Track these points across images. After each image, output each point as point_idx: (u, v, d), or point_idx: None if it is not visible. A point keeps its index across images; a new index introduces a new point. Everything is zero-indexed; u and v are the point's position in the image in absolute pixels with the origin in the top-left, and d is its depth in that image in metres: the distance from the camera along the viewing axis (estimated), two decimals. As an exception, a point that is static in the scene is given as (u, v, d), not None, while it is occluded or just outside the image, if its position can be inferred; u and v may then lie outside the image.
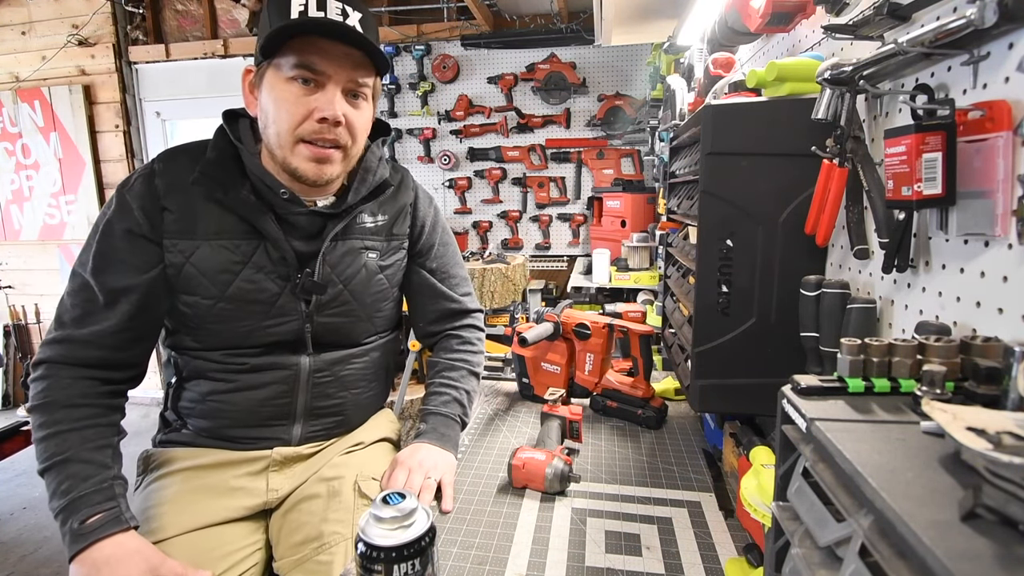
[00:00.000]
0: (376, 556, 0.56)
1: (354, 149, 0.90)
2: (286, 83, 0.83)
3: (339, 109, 0.84)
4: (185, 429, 0.99)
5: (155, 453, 0.99)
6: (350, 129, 0.87)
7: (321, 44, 0.82)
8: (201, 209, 0.87)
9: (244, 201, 0.87)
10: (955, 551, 0.26)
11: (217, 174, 0.87)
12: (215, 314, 0.89)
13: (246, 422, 0.95)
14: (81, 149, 3.49)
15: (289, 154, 0.85)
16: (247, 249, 0.88)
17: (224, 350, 0.93)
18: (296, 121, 0.83)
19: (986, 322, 0.52)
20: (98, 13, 3.36)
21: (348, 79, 0.85)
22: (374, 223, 1.00)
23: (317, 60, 0.82)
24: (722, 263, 0.82)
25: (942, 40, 0.52)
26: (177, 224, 0.87)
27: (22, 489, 2.66)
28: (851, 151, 0.66)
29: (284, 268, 0.90)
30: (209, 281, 0.87)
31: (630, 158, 3.21)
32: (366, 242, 0.98)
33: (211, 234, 0.87)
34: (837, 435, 0.37)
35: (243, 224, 0.88)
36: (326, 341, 0.97)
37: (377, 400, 1.12)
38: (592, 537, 0.79)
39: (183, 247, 0.87)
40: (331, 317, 0.96)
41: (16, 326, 3.73)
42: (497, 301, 2.82)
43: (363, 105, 0.89)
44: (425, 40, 3.25)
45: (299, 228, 0.91)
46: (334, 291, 0.95)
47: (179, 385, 0.98)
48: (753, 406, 0.85)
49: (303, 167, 0.86)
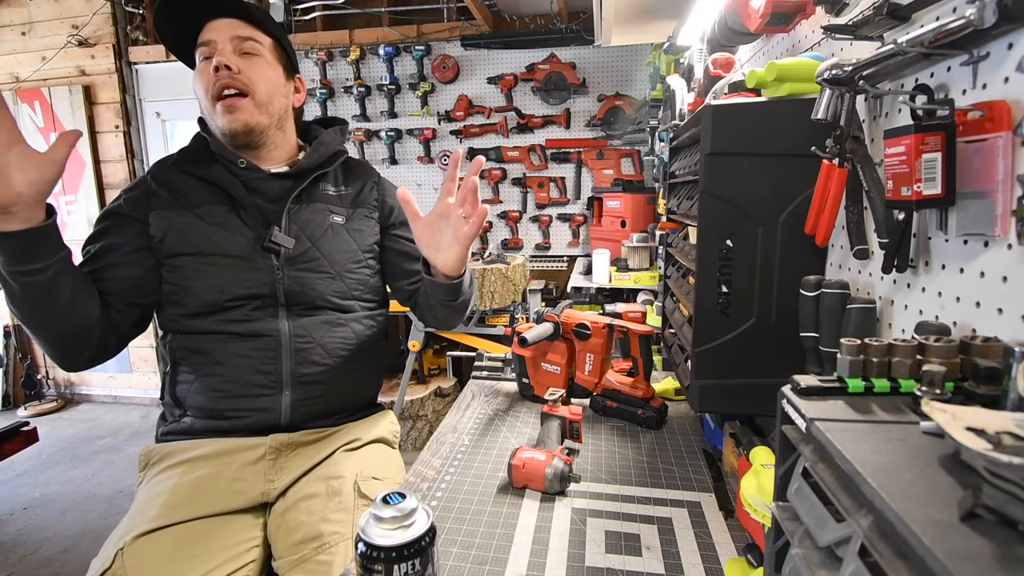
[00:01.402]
0: (376, 556, 0.56)
1: (261, 95, 1.02)
2: (198, 67, 1.03)
3: (226, 58, 0.99)
4: (185, 418, 1.02)
5: (155, 448, 1.02)
6: (246, 75, 1.00)
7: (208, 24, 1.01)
8: (182, 184, 1.03)
9: (216, 172, 1.04)
10: (955, 551, 0.26)
11: (193, 156, 1.06)
12: (196, 270, 0.99)
13: (238, 392, 0.99)
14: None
15: (213, 117, 1.02)
16: (223, 211, 1.02)
17: (209, 316, 0.99)
18: (207, 85, 1.00)
19: (986, 322, 0.52)
20: (98, 13, 3.36)
21: (230, 37, 1.01)
22: (337, 192, 1.13)
23: (205, 34, 1.00)
24: (722, 263, 0.82)
25: (942, 40, 0.52)
26: (163, 199, 1.02)
27: (22, 489, 2.66)
28: (851, 151, 0.66)
29: (255, 225, 1.03)
30: (190, 241, 1.00)
31: (630, 158, 3.21)
32: (330, 206, 1.11)
33: (193, 203, 1.02)
34: (837, 435, 0.37)
35: (218, 193, 1.03)
36: (302, 300, 1.03)
37: (364, 379, 1.15)
38: (592, 537, 0.79)
39: (167, 215, 1.00)
40: (301, 271, 1.03)
41: (16, 326, 3.73)
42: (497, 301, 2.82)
43: (257, 60, 1.03)
44: (425, 40, 3.25)
45: (263, 192, 1.06)
46: (302, 247, 1.05)
47: (174, 369, 1.03)
48: (753, 406, 0.85)
49: (221, 122, 1.01)
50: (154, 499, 0.90)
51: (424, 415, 2.99)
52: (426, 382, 3.15)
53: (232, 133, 1.01)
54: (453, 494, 0.91)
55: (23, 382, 3.69)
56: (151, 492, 0.92)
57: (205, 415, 1.01)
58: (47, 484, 2.70)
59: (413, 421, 2.95)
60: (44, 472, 2.82)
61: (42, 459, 2.95)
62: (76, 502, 2.52)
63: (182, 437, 1.01)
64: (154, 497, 0.90)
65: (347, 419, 1.10)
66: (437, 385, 3.12)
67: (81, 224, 3.55)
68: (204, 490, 0.92)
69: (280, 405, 1.01)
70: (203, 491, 0.92)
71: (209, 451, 0.97)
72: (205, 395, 1.00)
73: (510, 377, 1.43)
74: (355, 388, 1.12)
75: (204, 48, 1.00)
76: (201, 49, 1.00)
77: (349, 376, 1.09)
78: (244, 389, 1.00)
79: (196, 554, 0.84)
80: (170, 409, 1.05)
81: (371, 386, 1.18)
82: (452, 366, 3.31)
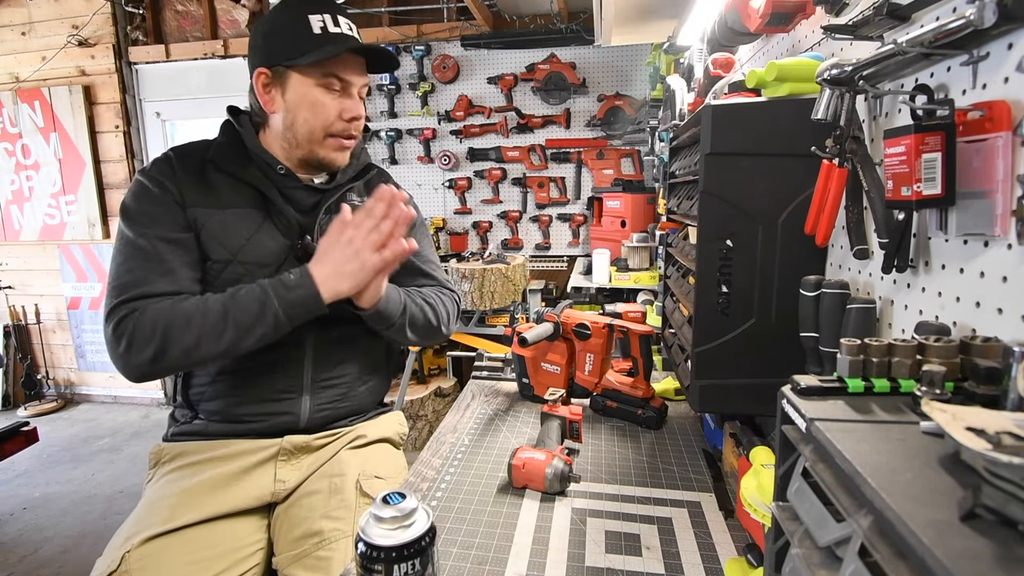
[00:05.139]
0: (376, 556, 0.56)
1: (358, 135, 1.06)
2: (316, 88, 0.97)
3: (362, 109, 1.02)
4: (197, 419, 1.02)
5: (166, 448, 1.02)
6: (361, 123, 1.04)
7: (344, 57, 0.97)
8: (215, 182, 0.99)
9: (253, 175, 1.00)
10: (955, 551, 0.26)
11: (228, 153, 1.01)
12: (225, 277, 0.96)
13: (258, 396, 0.99)
14: (81, 149, 3.49)
15: (318, 147, 1.01)
16: (257, 216, 0.99)
17: None
18: (330, 120, 0.99)
19: (986, 322, 0.52)
20: (98, 13, 3.36)
21: (362, 85, 1.02)
22: (362, 202, 1.10)
23: (342, 70, 0.98)
24: (722, 263, 0.82)
25: (941, 40, 0.52)
26: (193, 196, 0.97)
27: (22, 489, 2.66)
28: (851, 151, 0.66)
29: (288, 233, 1.01)
30: (222, 245, 0.96)
31: (630, 158, 3.21)
32: None
33: (226, 204, 0.98)
34: (837, 435, 0.37)
35: (253, 195, 1.00)
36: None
37: (377, 382, 1.15)
38: (592, 537, 0.79)
39: (197, 214, 0.96)
40: None
41: (16, 326, 3.74)
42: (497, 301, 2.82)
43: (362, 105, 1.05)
44: (425, 40, 3.25)
45: (296, 201, 1.03)
46: None
47: (188, 372, 1.01)
48: (753, 406, 0.85)
49: (330, 156, 1.02)
50: (162, 500, 0.90)
51: (424, 415, 2.99)
52: (426, 382, 3.15)
53: (336, 168, 1.05)
54: (453, 494, 0.91)
55: (23, 382, 3.69)
56: (160, 492, 0.92)
57: (220, 419, 1.00)
58: (47, 484, 2.70)
59: (413, 421, 2.95)
60: (44, 472, 2.82)
61: (42, 459, 2.95)
62: (76, 502, 2.52)
63: (195, 438, 1.01)
64: (162, 498, 0.90)
65: (359, 420, 1.10)
66: (437, 385, 3.12)
67: (81, 224, 3.55)
68: (213, 491, 0.92)
69: (299, 409, 1.01)
70: (212, 492, 0.91)
71: (221, 453, 0.97)
72: (221, 400, 0.99)
73: (510, 377, 1.43)
74: (370, 391, 1.12)
75: (337, 81, 0.98)
76: (333, 80, 0.97)
77: (365, 380, 1.10)
78: (264, 394, 0.99)
79: (202, 558, 0.84)
80: (181, 410, 1.04)
81: (383, 388, 1.19)
82: (452, 366, 3.31)
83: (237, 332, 0.87)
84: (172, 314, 0.87)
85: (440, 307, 1.12)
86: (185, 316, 0.87)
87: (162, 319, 0.86)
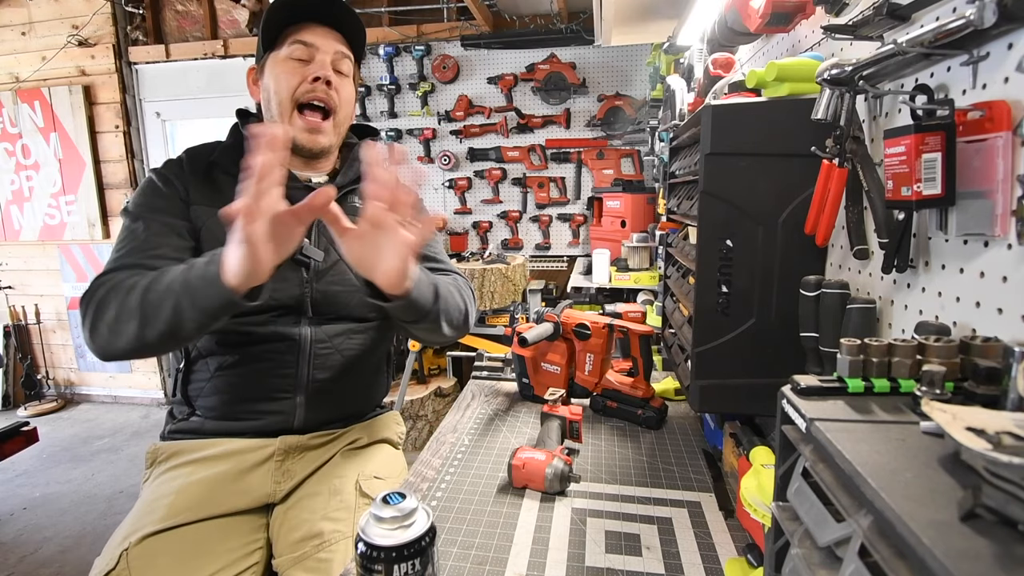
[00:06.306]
0: (376, 556, 0.56)
1: (340, 117, 1.02)
2: (284, 60, 0.98)
3: (329, 73, 0.98)
4: (194, 416, 1.02)
5: (162, 446, 1.01)
6: (338, 94, 1.00)
7: (311, 27, 0.98)
8: (220, 182, 1.00)
9: None
10: (955, 551, 0.26)
11: (232, 154, 1.01)
12: None
13: (254, 395, 0.99)
14: (81, 149, 3.49)
15: (285, 120, 0.98)
16: None
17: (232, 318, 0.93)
18: (294, 86, 0.97)
19: (986, 322, 0.52)
20: (98, 13, 3.36)
21: (334, 51, 1.00)
22: None
23: (308, 36, 0.97)
24: (722, 263, 0.82)
25: (941, 40, 0.52)
26: (198, 194, 0.98)
27: (22, 489, 2.66)
28: (851, 151, 0.66)
29: None
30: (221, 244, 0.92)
31: (630, 158, 3.21)
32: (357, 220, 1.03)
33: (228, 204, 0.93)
34: (837, 435, 0.37)
35: None
36: (327, 311, 1.01)
37: (375, 383, 1.14)
38: (592, 537, 0.79)
39: (200, 212, 0.97)
40: (330, 285, 1.01)
41: (16, 326, 3.74)
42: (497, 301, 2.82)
43: (346, 81, 1.02)
44: (425, 40, 3.25)
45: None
46: (331, 260, 1.02)
47: (188, 367, 1.01)
48: (753, 406, 0.85)
49: (299, 137, 0.99)
50: (160, 499, 0.90)
51: (424, 415, 2.99)
52: (426, 382, 3.15)
53: (308, 151, 1.01)
54: (453, 494, 0.91)
55: (23, 382, 3.69)
56: (157, 492, 0.92)
57: (217, 416, 1.00)
58: (47, 484, 2.70)
59: (413, 421, 2.95)
60: (44, 472, 2.82)
61: (42, 459, 2.95)
62: (76, 502, 2.52)
63: (191, 436, 1.01)
64: (160, 497, 0.90)
65: (356, 421, 1.10)
66: (437, 385, 3.12)
67: (81, 224, 3.55)
68: (211, 491, 0.92)
69: (294, 408, 1.00)
70: (210, 492, 0.91)
71: (217, 452, 0.97)
72: (219, 396, 0.99)
73: (510, 377, 1.43)
74: (367, 392, 1.12)
75: (301, 48, 0.97)
76: (296, 48, 0.97)
77: (362, 380, 1.09)
78: (260, 392, 0.99)
79: (200, 557, 0.84)
80: (179, 407, 1.04)
81: (381, 389, 1.18)
82: (452, 366, 3.31)
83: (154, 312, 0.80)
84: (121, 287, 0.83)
85: (466, 290, 1.07)
86: (126, 288, 0.82)
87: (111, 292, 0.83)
